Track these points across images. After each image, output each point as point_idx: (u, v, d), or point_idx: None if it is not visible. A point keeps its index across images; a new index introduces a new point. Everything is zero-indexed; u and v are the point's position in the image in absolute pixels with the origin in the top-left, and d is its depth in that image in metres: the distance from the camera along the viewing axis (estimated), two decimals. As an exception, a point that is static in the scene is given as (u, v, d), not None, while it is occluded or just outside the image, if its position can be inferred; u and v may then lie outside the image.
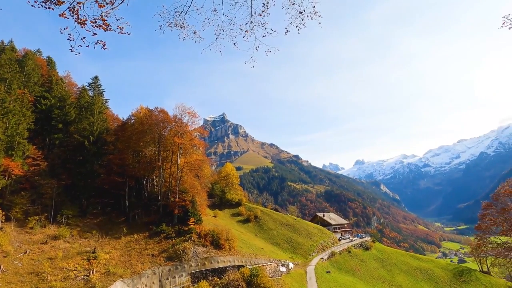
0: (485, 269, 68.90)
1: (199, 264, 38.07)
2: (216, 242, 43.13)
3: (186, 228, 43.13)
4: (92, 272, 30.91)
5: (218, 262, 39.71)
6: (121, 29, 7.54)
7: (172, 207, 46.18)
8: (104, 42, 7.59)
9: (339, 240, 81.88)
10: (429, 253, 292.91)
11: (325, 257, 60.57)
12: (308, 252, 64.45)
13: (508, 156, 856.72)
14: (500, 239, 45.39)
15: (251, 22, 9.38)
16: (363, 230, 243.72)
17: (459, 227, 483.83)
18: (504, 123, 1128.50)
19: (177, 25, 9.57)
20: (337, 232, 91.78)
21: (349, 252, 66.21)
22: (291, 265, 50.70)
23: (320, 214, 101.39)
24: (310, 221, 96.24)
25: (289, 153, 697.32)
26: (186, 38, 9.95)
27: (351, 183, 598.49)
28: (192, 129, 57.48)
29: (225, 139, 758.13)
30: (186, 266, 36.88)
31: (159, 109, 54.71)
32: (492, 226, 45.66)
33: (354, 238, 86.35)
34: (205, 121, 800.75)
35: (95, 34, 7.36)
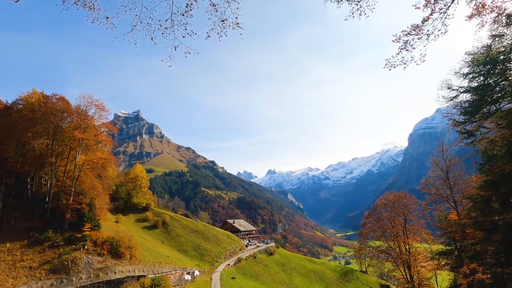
0: (364, 269, 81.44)
1: (92, 276, 33.77)
2: (115, 251, 39.02)
3: (80, 235, 37.85)
4: None
5: (115, 273, 35.98)
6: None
7: (64, 210, 39.97)
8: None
9: (247, 246, 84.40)
10: (323, 257, 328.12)
11: (232, 263, 61.49)
12: (215, 258, 64.31)
13: (387, 174, 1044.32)
14: (375, 243, 54.32)
15: (172, 20, 9.04)
16: (269, 236, 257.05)
17: (347, 233, 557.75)
18: (386, 147, 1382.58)
19: (85, 5, 8.49)
20: (245, 238, 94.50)
21: (255, 257, 68.88)
22: (196, 272, 49.69)
23: (231, 221, 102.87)
24: (221, 227, 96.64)
25: (205, 158, 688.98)
26: (96, 21, 8.89)
27: (263, 191, 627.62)
28: (99, 123, 51.26)
29: (138, 138, 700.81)
30: (74, 279, 32.20)
31: (58, 96, 47.13)
32: (370, 233, 54.36)
33: (260, 244, 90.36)
34: (116, 116, 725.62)
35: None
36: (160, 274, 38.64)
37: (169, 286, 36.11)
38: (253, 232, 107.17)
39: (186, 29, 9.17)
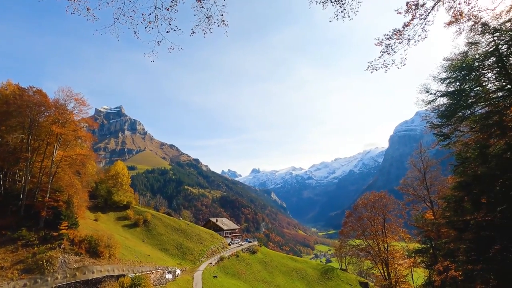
0: (344, 267, 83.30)
1: (68, 275, 32.68)
2: (93, 250, 37.90)
3: (56, 234, 36.53)
4: None
5: (93, 272, 34.97)
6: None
7: (39, 208, 38.43)
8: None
9: (229, 244, 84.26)
10: (305, 255, 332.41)
11: (214, 262, 61.27)
12: (197, 257, 63.83)
13: (368, 174, 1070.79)
14: (355, 242, 55.72)
15: (156, 14, 8.89)
16: (252, 235, 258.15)
17: (329, 232, 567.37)
18: (367, 148, 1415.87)
19: (64, -6, 8.20)
20: (228, 237, 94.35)
21: (237, 256, 68.89)
22: (178, 271, 49.14)
23: (213, 219, 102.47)
24: (203, 226, 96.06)
25: (189, 156, 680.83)
26: (76, 13, 8.59)
27: (246, 190, 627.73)
28: (79, 118, 49.51)
29: (120, 134, 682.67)
30: (49, 279, 31.05)
31: (34, 89, 45.25)
32: (351, 231, 55.74)
33: (243, 243, 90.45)
34: (97, 111, 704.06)
35: None
36: (140, 274, 37.96)
37: (150, 285, 35.54)
38: (236, 230, 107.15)
39: (170, 24, 9.03)
